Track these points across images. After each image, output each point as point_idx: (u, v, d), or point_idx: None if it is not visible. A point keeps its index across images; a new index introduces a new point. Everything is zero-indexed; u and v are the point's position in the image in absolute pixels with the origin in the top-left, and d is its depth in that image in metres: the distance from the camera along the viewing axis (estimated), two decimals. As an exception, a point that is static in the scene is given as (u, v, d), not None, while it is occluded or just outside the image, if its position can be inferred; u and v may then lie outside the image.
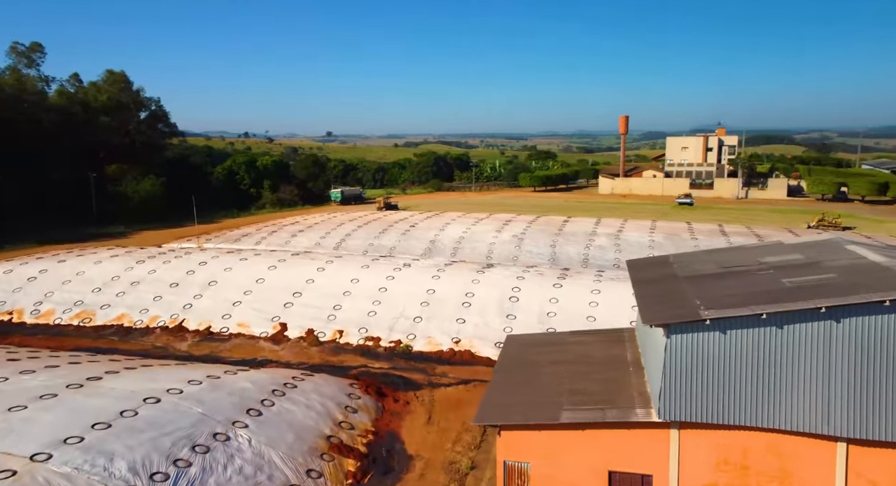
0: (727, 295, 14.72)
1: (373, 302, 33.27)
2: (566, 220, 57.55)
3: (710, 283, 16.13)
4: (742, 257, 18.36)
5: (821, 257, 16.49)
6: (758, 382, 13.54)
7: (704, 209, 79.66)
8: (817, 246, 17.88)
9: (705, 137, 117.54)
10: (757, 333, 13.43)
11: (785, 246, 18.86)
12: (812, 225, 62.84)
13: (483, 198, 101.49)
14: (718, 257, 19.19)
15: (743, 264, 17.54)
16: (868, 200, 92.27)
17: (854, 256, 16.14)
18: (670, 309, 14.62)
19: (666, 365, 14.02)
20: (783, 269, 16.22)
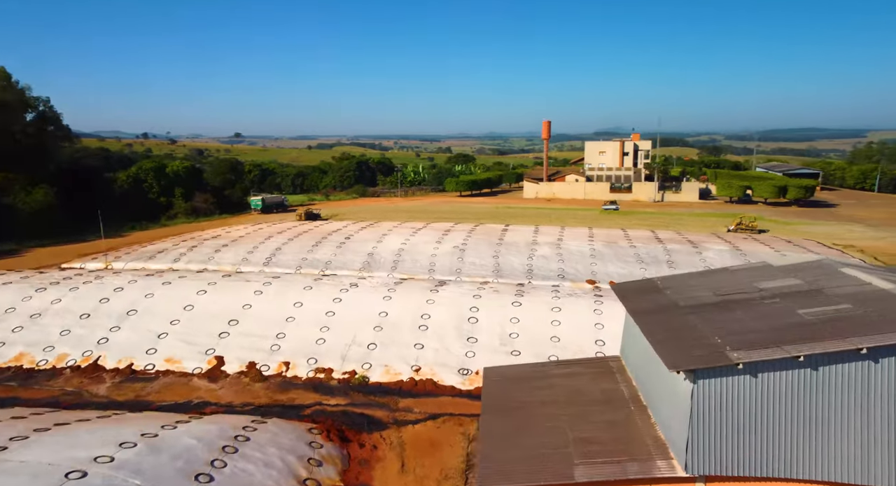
0: (748, 331, 13.78)
1: (321, 328, 30.60)
2: (505, 229, 56.83)
3: (718, 315, 15.21)
4: (735, 282, 17.70)
5: (821, 283, 16.04)
6: (792, 429, 12.64)
7: (630, 214, 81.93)
8: (809, 269, 17.52)
9: (621, 141, 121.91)
10: (791, 376, 12.52)
11: (774, 269, 18.44)
12: (731, 228, 65.80)
13: (411, 204, 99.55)
14: (709, 281, 18.48)
15: (741, 290, 16.84)
16: (769, 202, 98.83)
17: (856, 281, 15.77)
18: (692, 350, 13.48)
19: (693, 414, 12.84)
20: (788, 297, 15.59)
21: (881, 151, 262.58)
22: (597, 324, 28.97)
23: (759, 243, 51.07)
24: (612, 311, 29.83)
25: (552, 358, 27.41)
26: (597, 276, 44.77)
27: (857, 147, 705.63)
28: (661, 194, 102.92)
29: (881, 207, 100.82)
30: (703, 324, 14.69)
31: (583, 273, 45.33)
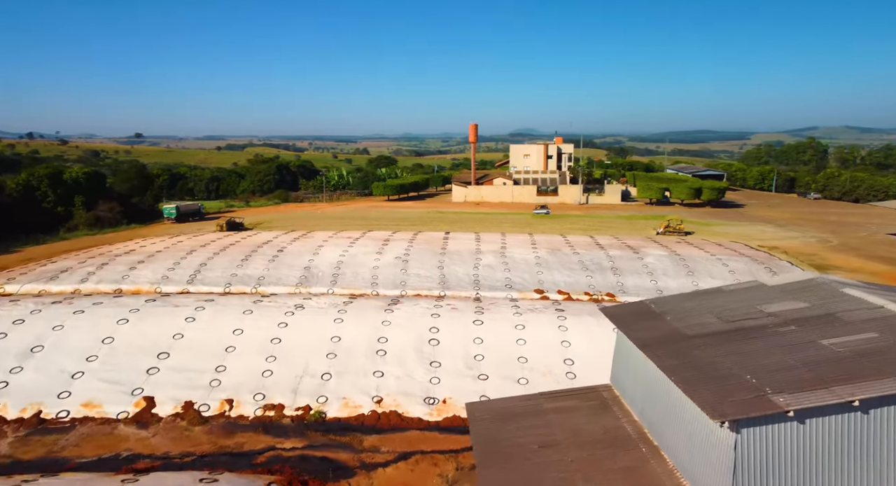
0: (781, 368, 12.80)
1: (266, 358, 27.59)
2: (446, 237, 55.22)
3: (737, 347, 14.21)
4: (736, 305, 16.92)
5: (831, 307, 15.47)
6: (841, 479, 11.70)
7: (562, 218, 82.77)
8: (808, 290, 17.02)
9: (545, 145, 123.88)
10: (841, 421, 11.58)
11: (769, 289, 17.86)
12: (660, 231, 67.70)
13: (338, 210, 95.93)
14: (707, 304, 17.62)
15: (747, 314, 16.03)
16: (685, 203, 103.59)
17: (866, 304, 15.30)
18: (729, 393, 12.30)
19: (738, 467, 11.64)
20: (802, 324, 14.86)
21: (768, 152, 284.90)
22: (563, 342, 27.89)
23: (693, 246, 52.43)
24: (576, 328, 28.90)
25: (521, 381, 26.04)
26: (544, 284, 44.09)
27: (744, 148, 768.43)
28: (585, 197, 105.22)
29: (782, 207, 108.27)
30: (725, 358, 13.63)
31: (530, 282, 44.52)
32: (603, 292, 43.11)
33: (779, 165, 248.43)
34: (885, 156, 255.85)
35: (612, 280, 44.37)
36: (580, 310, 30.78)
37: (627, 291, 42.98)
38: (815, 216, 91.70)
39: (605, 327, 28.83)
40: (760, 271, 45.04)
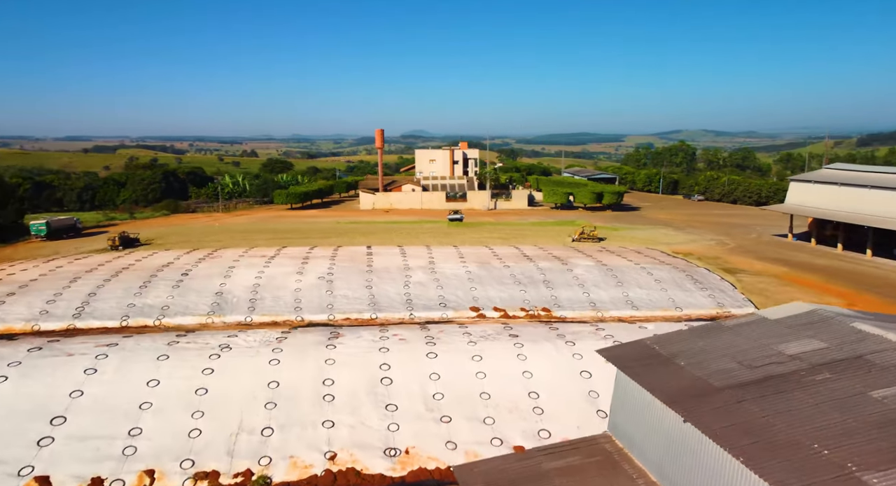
0: (847, 433, 11.70)
1: (192, 414, 23.54)
2: (370, 252, 52.15)
3: (779, 402, 13.07)
4: (750, 346, 15.96)
5: (855, 348, 14.80)
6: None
7: (478, 225, 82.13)
8: (813, 325, 16.41)
9: (451, 150, 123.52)
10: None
11: (773, 323, 17.14)
12: (575, 238, 68.79)
13: (239, 221, 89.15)
14: (716, 344, 16.56)
15: (768, 358, 15.06)
16: (588, 207, 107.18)
17: (890, 343, 14.70)
18: (806, 470, 10.95)
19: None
20: (834, 369, 14.03)
21: (645, 154, 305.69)
22: (524, 373, 26.28)
23: (615, 255, 53.27)
24: (535, 356, 27.46)
25: (488, 421, 24.09)
26: (479, 301, 42.58)
27: (619, 150, 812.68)
28: (494, 202, 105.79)
29: (673, 209, 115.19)
30: (775, 418, 12.39)
31: (464, 300, 42.81)
32: (539, 306, 42.32)
33: (654, 166, 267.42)
34: (743, 158, 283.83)
35: (545, 294, 43.71)
36: (535, 335, 29.38)
37: (562, 304, 42.50)
38: (704, 218, 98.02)
39: (564, 352, 27.61)
40: (683, 279, 46.38)
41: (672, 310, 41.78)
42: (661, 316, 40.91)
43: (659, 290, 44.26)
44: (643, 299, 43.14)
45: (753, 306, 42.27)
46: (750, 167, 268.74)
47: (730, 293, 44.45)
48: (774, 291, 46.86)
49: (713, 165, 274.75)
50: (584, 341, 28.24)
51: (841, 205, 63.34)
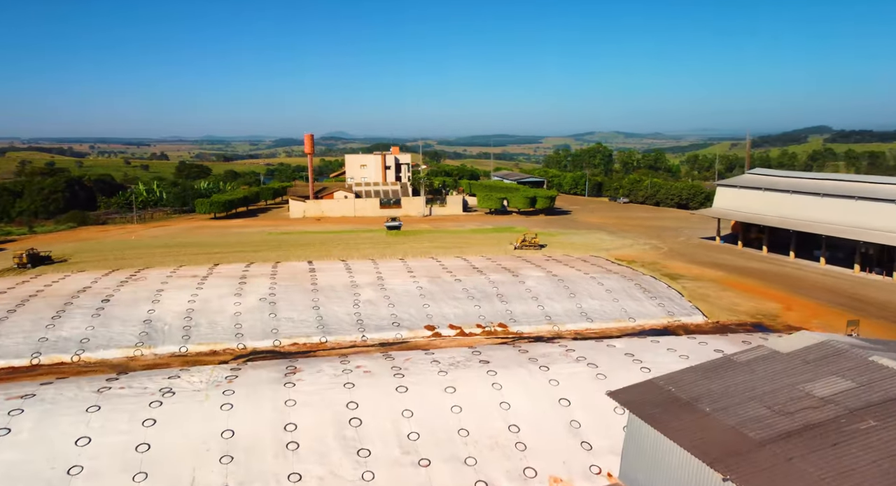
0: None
1: (133, 476, 20.38)
2: (313, 268, 49.14)
3: (834, 459, 12.20)
4: (767, 385, 15.17)
5: (888, 389, 14.18)
6: None
7: (417, 234, 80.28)
8: (830, 359, 15.85)
9: (383, 155, 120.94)
10: None
11: (786, 357, 16.48)
12: (517, 245, 68.45)
13: (159, 234, 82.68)
14: (730, 381, 15.69)
15: (797, 401, 14.29)
16: (522, 212, 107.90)
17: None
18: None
19: None
20: (876, 415, 13.33)
21: (565, 156, 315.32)
22: (501, 404, 24.84)
23: (562, 263, 53.11)
24: (509, 383, 26.10)
25: (469, 461, 22.45)
26: (433, 319, 40.91)
27: (538, 151, 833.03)
28: (429, 208, 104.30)
29: (601, 212, 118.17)
30: (836, 482, 11.44)
31: (418, 318, 41.00)
32: (495, 322, 41.18)
33: (574, 167, 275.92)
34: (655, 160, 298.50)
35: (500, 309, 42.64)
36: (506, 360, 28.01)
37: (518, 319, 41.56)
38: (634, 221, 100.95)
39: (539, 379, 26.41)
40: (632, 288, 46.68)
41: (626, 321, 41.80)
42: (615, 328, 40.83)
43: (611, 300, 44.25)
44: (597, 310, 42.95)
45: (702, 314, 43.07)
46: (661, 168, 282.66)
47: (678, 302, 45.11)
48: (716, 296, 48.09)
49: (628, 167, 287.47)
50: (557, 366, 27.18)
51: (765, 209, 66.53)
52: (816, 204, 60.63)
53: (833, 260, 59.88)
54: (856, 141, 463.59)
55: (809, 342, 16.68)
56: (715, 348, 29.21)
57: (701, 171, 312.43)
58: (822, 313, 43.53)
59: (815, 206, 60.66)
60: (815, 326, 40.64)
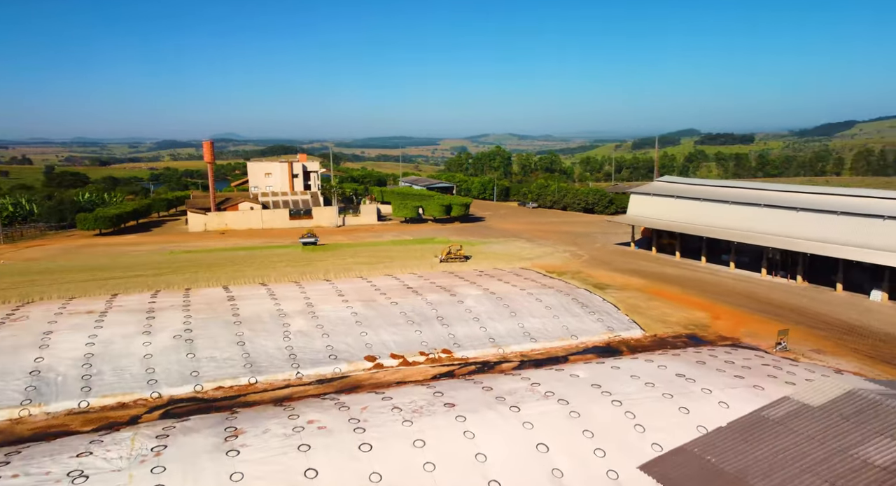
0: None
1: None
2: (231, 295, 44.32)
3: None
4: (812, 449, 14.15)
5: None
6: None
7: (335, 248, 76.16)
8: (865, 413, 15.07)
9: (290, 162, 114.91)
10: None
11: (819, 412, 15.57)
12: (442, 258, 66.70)
13: (34, 256, 72.48)
14: (771, 446, 14.54)
15: (853, 470, 13.29)
16: (437, 220, 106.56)
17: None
18: None
19: None
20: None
21: (467, 158, 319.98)
22: (477, 455, 22.68)
23: (497, 280, 51.90)
24: (482, 430, 24.03)
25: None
26: (373, 348, 38.04)
27: (436, 153, 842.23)
28: (342, 218, 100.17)
29: (514, 218, 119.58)
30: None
31: (357, 348, 37.94)
32: (438, 348, 38.99)
33: (475, 169, 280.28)
34: (550, 162, 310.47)
35: (442, 333, 40.53)
36: (472, 401, 25.89)
37: (461, 343, 39.66)
38: (546, 227, 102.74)
39: (511, 422, 24.52)
40: (570, 303, 46.26)
41: (569, 339, 41.13)
42: (560, 347, 40.02)
43: (552, 318, 43.48)
44: (539, 329, 41.97)
45: (639, 328, 43.32)
46: (556, 170, 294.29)
47: (615, 316, 45.20)
48: (646, 307, 48.84)
49: (526, 169, 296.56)
50: (527, 405, 25.44)
51: (677, 216, 69.38)
52: (725, 211, 63.89)
53: (740, 264, 63.35)
54: (721, 143, 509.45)
55: (837, 392, 15.97)
56: (676, 372, 28.81)
57: (593, 172, 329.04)
58: (747, 320, 45.26)
59: (724, 213, 63.90)
60: (743, 334, 42.09)
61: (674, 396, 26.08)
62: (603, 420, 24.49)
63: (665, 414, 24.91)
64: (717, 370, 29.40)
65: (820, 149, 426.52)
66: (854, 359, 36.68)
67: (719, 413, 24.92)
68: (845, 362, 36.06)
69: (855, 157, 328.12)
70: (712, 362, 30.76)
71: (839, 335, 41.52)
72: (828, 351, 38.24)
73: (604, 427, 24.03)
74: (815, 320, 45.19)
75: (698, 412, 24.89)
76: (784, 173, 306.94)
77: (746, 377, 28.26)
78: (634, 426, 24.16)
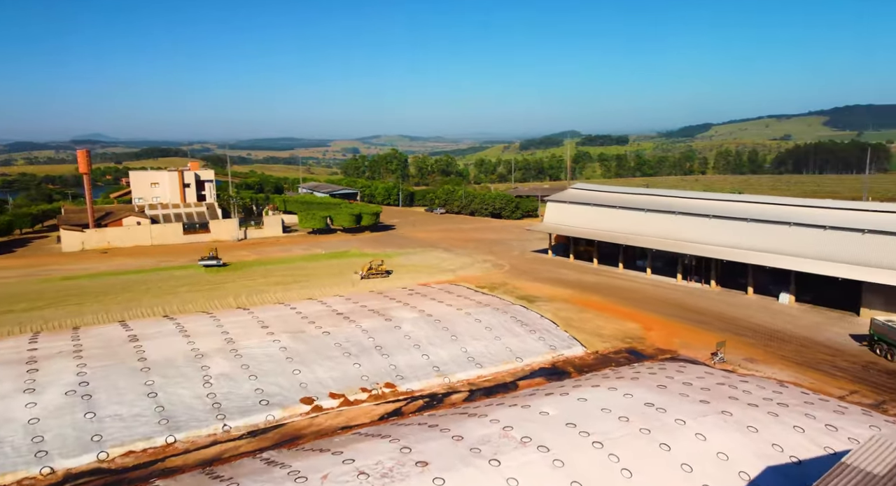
0: None
1: None
2: (132, 334, 38.19)
3: None
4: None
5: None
6: None
7: (244, 268, 69.74)
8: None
9: (179, 171, 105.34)
10: None
11: (886, 481, 14.33)
12: (364, 274, 63.24)
13: None
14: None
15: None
16: (347, 229, 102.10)
17: None
18: None
19: None
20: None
21: (363, 161, 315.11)
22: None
23: (430, 299, 49.43)
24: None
25: None
26: (309, 388, 34.26)
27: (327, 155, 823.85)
28: (243, 231, 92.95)
29: (424, 225, 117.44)
30: None
31: (290, 389, 33.95)
32: (381, 383, 35.90)
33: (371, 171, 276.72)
34: (447, 164, 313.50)
35: (383, 365, 37.45)
36: (445, 456, 23.15)
37: (405, 375, 36.84)
38: (459, 234, 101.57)
39: (494, 479, 22.13)
40: (510, 322, 44.78)
41: (514, 361, 39.56)
42: (507, 371, 38.34)
43: (493, 339, 41.72)
44: (483, 353, 40.04)
45: (580, 345, 42.62)
46: (453, 172, 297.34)
47: (555, 333, 44.30)
48: (578, 319, 48.52)
49: (423, 171, 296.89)
50: (506, 457, 23.16)
51: (594, 223, 70.56)
52: (642, 219, 65.70)
53: (656, 270, 65.38)
54: (600, 144, 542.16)
55: (892, 456, 14.90)
56: (645, 401, 27.84)
57: (487, 174, 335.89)
58: (677, 330, 46.09)
59: (641, 220, 65.69)
60: (678, 346, 42.70)
61: (651, 431, 24.97)
62: (588, 468, 22.78)
63: (647, 453, 23.72)
64: (680, 395, 28.82)
65: (685, 149, 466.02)
66: (785, 367, 38.08)
67: (699, 447, 24.18)
68: (779, 371, 37.33)
69: (716, 157, 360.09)
70: (673, 386, 30.22)
71: (765, 342, 43.24)
72: (759, 360, 39.52)
73: (590, 477, 22.32)
74: (737, 327, 46.95)
75: (680, 449, 23.98)
76: (658, 172, 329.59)
77: (711, 401, 27.89)
78: (621, 470, 22.71)
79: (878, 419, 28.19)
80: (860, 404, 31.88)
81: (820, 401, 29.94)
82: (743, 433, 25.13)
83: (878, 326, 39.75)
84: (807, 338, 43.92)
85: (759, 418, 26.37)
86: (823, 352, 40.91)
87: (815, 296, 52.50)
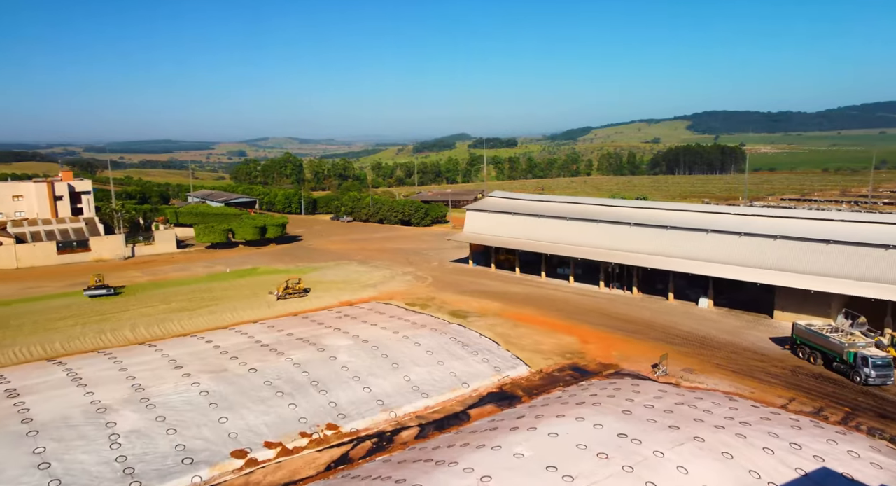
0: None
1: None
2: (8, 386, 31.43)
3: None
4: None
5: None
6: None
7: (140, 292, 61.79)
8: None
9: (50, 182, 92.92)
10: None
11: None
12: (280, 294, 58.40)
13: None
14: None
15: None
16: (250, 242, 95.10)
17: None
18: None
19: None
20: None
21: (255, 166, 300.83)
22: None
23: (362, 322, 46.01)
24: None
25: None
26: (239, 438, 29.99)
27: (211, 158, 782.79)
28: (131, 248, 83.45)
29: (331, 235, 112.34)
30: None
31: (218, 442, 29.48)
32: (322, 425, 32.28)
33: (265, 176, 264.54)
34: (344, 168, 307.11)
35: (321, 403, 33.80)
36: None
37: (347, 413, 33.46)
38: (371, 245, 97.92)
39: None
40: (451, 344, 42.49)
41: (461, 388, 37.32)
42: (455, 399, 36.04)
43: (436, 364, 39.25)
44: (427, 380, 37.43)
45: (524, 364, 41.16)
46: (350, 176, 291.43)
47: (497, 353, 42.59)
48: (515, 335, 47.26)
49: (319, 176, 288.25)
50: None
51: (515, 232, 70.05)
52: (563, 227, 65.98)
53: (578, 277, 65.92)
54: (491, 146, 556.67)
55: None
56: (617, 432, 26.63)
57: (385, 178, 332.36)
58: (614, 342, 46.01)
59: (562, 229, 65.95)
60: (617, 359, 42.50)
61: (633, 468, 23.67)
62: (581, 517, 20.95)
63: (638, 493, 22.33)
64: (647, 421, 27.95)
65: (570, 151, 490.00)
66: (724, 377, 38.78)
67: (683, 482, 23.21)
68: (719, 381, 37.91)
69: (600, 159, 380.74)
70: (637, 411, 29.31)
71: (697, 350, 44.12)
72: (697, 370, 40.03)
73: (587, 527, 20.50)
74: (668, 335, 47.75)
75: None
76: (548, 174, 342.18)
77: (681, 427, 27.25)
78: (616, 517, 21.07)
79: (829, 431, 28.90)
80: (802, 412, 32.81)
81: (773, 415, 30.34)
82: (720, 461, 24.51)
83: (801, 330, 41.69)
84: (733, 344, 45.40)
85: (730, 442, 25.97)
86: (753, 358, 42.32)
87: (729, 300, 54.93)
